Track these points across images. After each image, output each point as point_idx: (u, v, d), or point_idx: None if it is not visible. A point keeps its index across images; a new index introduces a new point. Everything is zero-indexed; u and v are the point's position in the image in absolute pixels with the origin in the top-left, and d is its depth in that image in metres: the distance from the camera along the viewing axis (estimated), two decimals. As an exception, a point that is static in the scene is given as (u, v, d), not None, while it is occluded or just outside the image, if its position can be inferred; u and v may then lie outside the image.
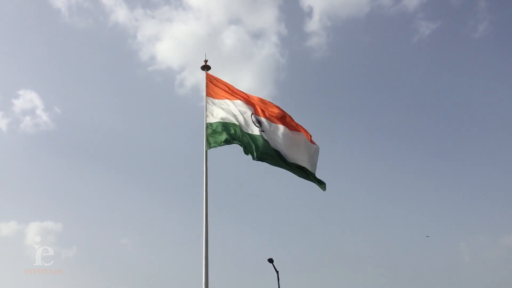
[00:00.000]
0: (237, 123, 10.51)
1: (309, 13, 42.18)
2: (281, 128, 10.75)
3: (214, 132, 10.47)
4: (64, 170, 36.35)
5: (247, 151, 10.06)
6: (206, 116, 10.81)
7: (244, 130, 10.36)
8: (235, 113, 10.78)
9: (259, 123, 10.57)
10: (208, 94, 11.27)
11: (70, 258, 29.29)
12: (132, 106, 41.37)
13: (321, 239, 33.35)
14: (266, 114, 10.90)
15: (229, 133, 10.30)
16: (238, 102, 11.03)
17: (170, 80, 42.25)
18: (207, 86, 11.38)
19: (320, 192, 10.23)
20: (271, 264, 19.14)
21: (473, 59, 44.14)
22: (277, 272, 19.05)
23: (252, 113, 10.77)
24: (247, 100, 11.16)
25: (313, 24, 42.00)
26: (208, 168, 10.09)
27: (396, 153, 41.16)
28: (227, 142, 10.20)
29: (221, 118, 10.74)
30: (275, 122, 10.81)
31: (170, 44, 42.17)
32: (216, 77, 11.70)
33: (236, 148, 10.25)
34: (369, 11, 41.94)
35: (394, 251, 32.66)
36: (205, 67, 11.68)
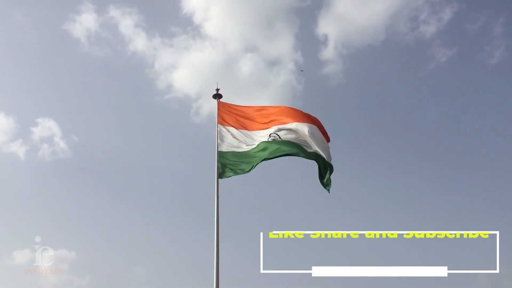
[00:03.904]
0: (249, 149, 10.53)
1: (324, 41, 42.61)
2: (298, 125, 10.63)
3: (226, 161, 10.40)
4: (79, 198, 36.40)
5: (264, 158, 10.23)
6: (218, 145, 10.74)
7: (257, 150, 10.42)
8: (248, 139, 10.78)
9: (276, 132, 10.64)
10: (220, 122, 11.21)
11: (83, 287, 29.00)
12: (148, 134, 41.73)
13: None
14: (285, 120, 10.85)
15: (239, 162, 10.26)
16: (252, 127, 11.04)
17: (186, 107, 42.76)
18: (219, 115, 11.31)
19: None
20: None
21: (490, 85, 43.67)
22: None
23: (268, 128, 10.82)
24: (263, 118, 11.15)
25: (328, 52, 42.34)
26: (219, 197, 9.93)
27: (413, 184, 40.20)
28: (241, 171, 10.21)
29: (233, 147, 10.73)
30: (292, 122, 10.72)
31: (187, 72, 42.93)
32: (229, 104, 11.64)
33: (248, 178, 10.17)
34: (385, 38, 42.00)
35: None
36: (217, 96, 11.61)
